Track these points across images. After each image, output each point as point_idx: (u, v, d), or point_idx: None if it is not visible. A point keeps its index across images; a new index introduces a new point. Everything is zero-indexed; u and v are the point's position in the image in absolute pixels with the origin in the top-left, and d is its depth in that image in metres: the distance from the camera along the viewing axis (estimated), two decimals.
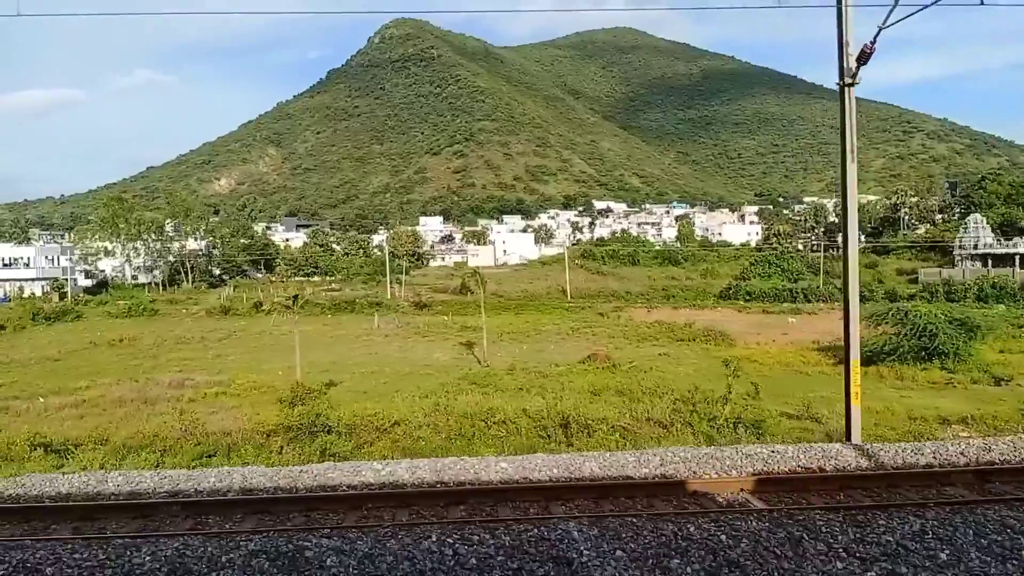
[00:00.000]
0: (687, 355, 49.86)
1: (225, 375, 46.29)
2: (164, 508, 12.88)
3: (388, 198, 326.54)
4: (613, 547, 9.88)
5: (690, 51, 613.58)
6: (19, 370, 51.27)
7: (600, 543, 10.02)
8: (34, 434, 29.17)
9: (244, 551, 9.94)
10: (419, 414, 29.80)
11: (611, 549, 9.80)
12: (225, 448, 28.02)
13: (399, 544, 10.10)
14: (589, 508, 12.40)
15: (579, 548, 9.79)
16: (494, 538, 10.32)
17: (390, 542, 10.19)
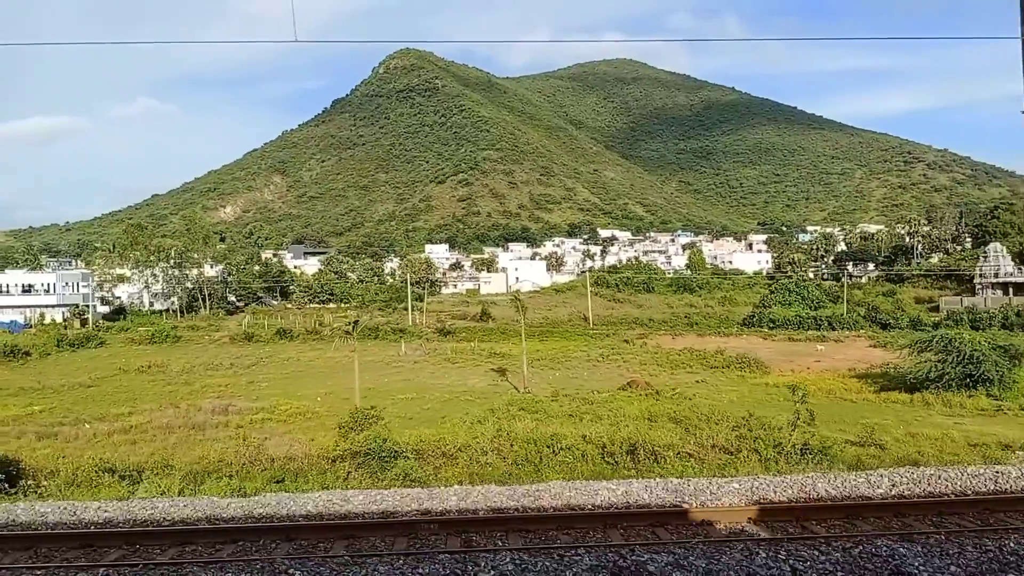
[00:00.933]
0: (724, 382, 49.94)
1: (264, 401, 46.30)
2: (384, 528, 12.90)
3: (393, 226, 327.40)
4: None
5: (690, 82, 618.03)
6: (55, 396, 51.26)
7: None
8: (99, 459, 29.20)
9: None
10: (481, 440, 29.80)
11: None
12: (292, 474, 28.02)
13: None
14: None
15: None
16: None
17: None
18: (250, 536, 12.90)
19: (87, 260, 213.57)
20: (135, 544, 12.68)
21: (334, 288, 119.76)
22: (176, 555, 12.06)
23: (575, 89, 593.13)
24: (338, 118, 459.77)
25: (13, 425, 41.00)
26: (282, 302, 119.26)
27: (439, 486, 22.96)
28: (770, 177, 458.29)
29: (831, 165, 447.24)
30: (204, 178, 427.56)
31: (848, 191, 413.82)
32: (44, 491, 27.37)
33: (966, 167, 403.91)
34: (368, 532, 12.73)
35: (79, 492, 26.38)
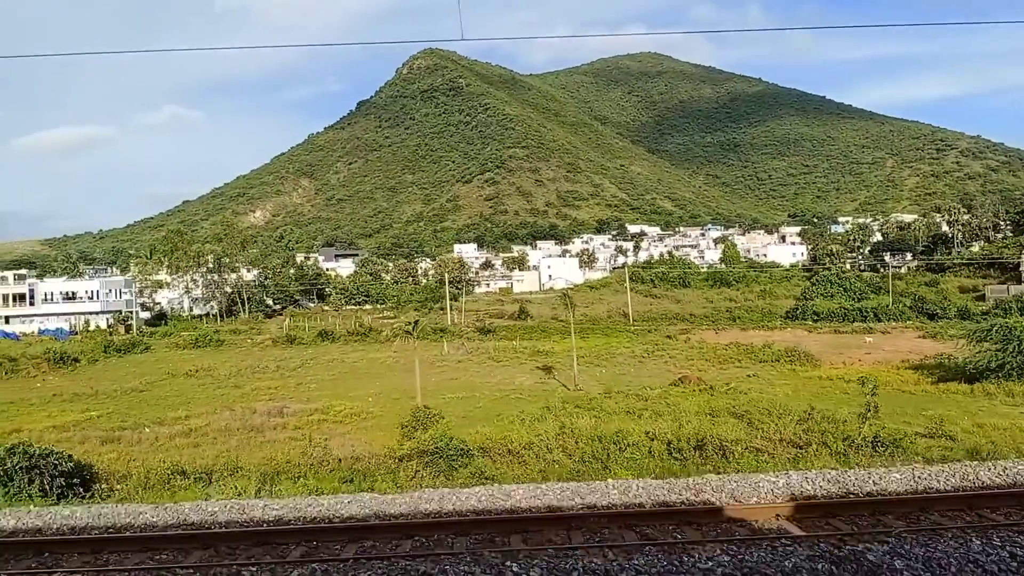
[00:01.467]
0: (775, 376, 49.41)
1: (316, 403, 46.52)
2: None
3: (421, 226, 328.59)
4: None
5: (715, 74, 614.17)
6: (109, 401, 51.95)
7: None
8: (169, 462, 29.56)
9: None
10: (544, 438, 29.73)
11: None
12: (360, 474, 28.15)
13: None
14: None
15: None
16: None
17: None
18: (423, 531, 13.06)
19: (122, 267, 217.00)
20: (313, 540, 13.06)
21: (369, 290, 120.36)
22: (358, 551, 12.29)
23: (598, 84, 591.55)
24: (363, 120, 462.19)
25: (74, 430, 41.59)
26: (319, 304, 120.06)
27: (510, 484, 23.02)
28: (799, 168, 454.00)
29: (861, 155, 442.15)
30: (233, 183, 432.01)
31: (879, 181, 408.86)
32: (117, 494, 27.81)
33: (1000, 154, 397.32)
34: (538, 526, 12.87)
35: (152, 495, 26.74)
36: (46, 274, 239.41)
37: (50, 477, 25.52)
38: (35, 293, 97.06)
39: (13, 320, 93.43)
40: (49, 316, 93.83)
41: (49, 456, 26.00)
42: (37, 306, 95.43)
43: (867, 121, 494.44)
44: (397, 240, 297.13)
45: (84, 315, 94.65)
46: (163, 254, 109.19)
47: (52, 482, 25.52)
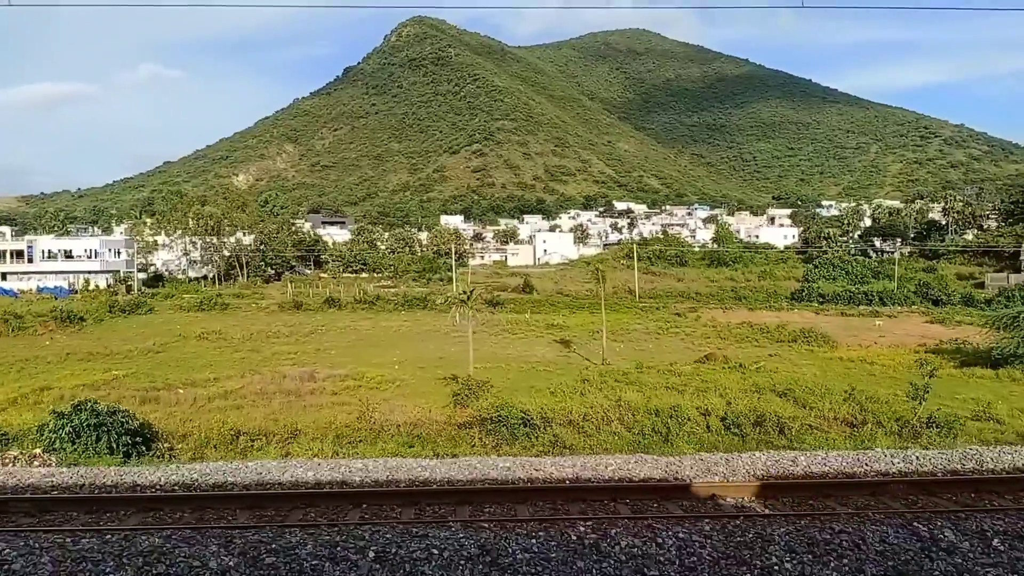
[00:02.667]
0: (796, 357, 49.95)
1: (343, 368, 46.40)
2: None
3: (408, 196, 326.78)
4: None
5: (703, 53, 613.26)
6: (128, 361, 51.49)
7: None
8: (228, 424, 29.55)
9: None
10: (598, 410, 30.00)
11: None
12: (421, 440, 28.29)
13: None
14: None
15: None
16: None
17: None
18: (593, 496, 13.32)
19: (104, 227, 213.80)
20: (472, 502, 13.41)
21: (366, 258, 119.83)
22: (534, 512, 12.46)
23: (586, 59, 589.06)
24: (350, 87, 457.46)
25: (104, 390, 41.27)
26: (315, 271, 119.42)
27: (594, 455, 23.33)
28: (784, 151, 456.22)
29: (846, 139, 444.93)
30: (216, 146, 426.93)
31: (863, 166, 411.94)
32: (178, 453, 27.79)
33: (982, 143, 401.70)
34: None
35: (220, 453, 26.74)
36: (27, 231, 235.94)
37: (116, 435, 25.43)
38: (33, 250, 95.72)
39: (11, 277, 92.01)
40: (47, 274, 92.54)
41: (115, 414, 25.92)
42: (36, 263, 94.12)
43: (852, 106, 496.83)
44: (383, 209, 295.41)
45: (83, 274, 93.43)
46: (162, 214, 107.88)
47: (119, 440, 25.43)
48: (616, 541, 9.52)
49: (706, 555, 9.15)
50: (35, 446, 24.52)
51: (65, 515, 12.98)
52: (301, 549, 9.44)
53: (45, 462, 23.24)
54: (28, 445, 24.93)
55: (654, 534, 9.78)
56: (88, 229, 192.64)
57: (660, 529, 10.03)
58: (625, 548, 9.32)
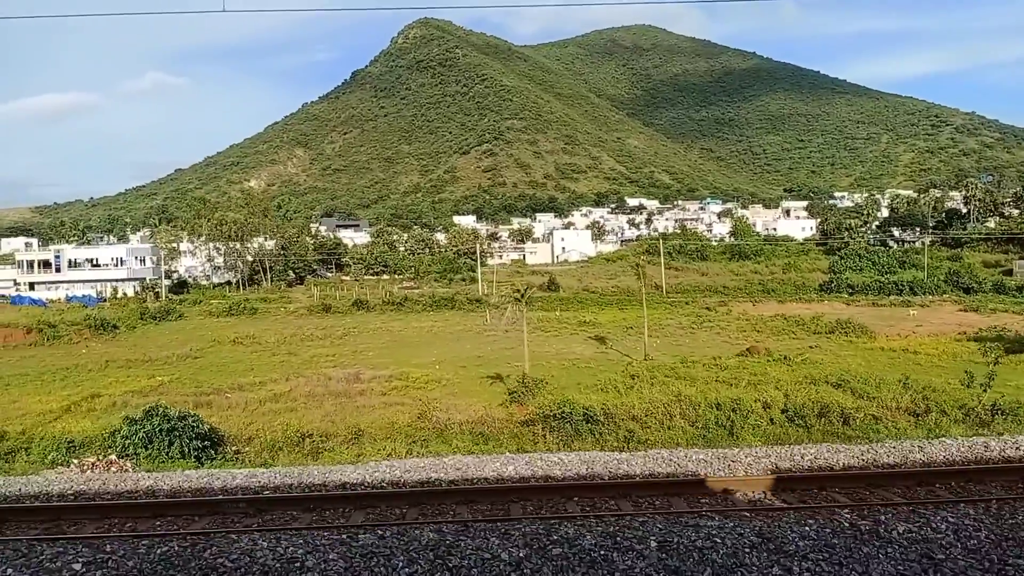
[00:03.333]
0: (835, 348, 49.78)
1: (386, 370, 46.49)
2: None
3: (419, 197, 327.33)
4: None
5: (710, 48, 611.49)
6: (168, 367, 51.74)
7: None
8: (291, 427, 29.70)
9: None
10: (658, 405, 30.03)
11: None
12: (484, 437, 28.39)
13: None
14: None
15: None
16: None
17: None
18: None
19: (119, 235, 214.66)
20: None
21: (387, 260, 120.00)
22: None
23: (592, 57, 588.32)
24: (358, 90, 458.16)
25: (153, 396, 41.53)
26: (337, 274, 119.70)
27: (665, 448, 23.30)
28: (794, 143, 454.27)
29: (856, 130, 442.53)
30: (226, 152, 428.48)
31: (875, 156, 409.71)
32: (244, 456, 27.92)
33: (994, 130, 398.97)
34: None
35: (291, 456, 26.84)
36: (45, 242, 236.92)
37: (188, 439, 25.58)
38: (61, 260, 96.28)
39: (38, 287, 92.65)
40: (75, 283, 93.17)
41: (186, 419, 26.08)
42: (63, 272, 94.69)
43: (861, 97, 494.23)
44: (396, 211, 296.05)
45: (111, 282, 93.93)
46: (186, 221, 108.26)
47: (190, 444, 25.59)
48: (892, 527, 10.01)
49: (983, 537, 9.65)
50: (107, 452, 24.68)
51: (286, 514, 13.15)
52: (582, 540, 9.77)
53: (122, 468, 23.40)
54: (97, 451, 25.08)
55: (926, 520, 10.32)
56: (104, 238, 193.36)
57: (928, 515, 10.61)
58: (904, 533, 9.79)
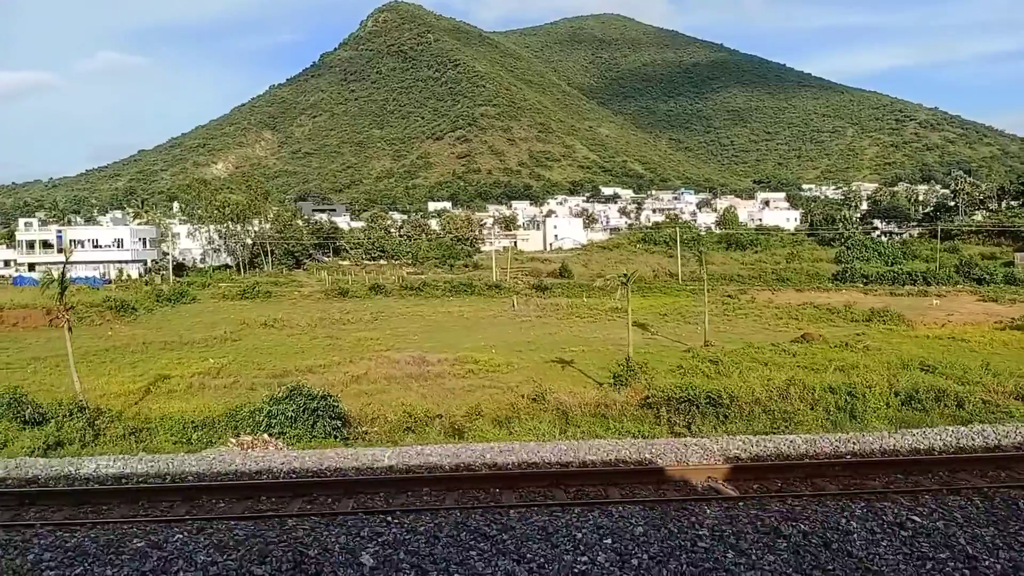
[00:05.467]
0: (882, 336, 50.65)
1: (447, 353, 46.12)
2: None
3: (393, 183, 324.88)
4: None
5: (678, 39, 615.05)
6: (209, 350, 50.90)
7: None
8: (408, 407, 29.45)
9: None
10: (771, 390, 30.38)
11: None
12: (607, 419, 28.49)
13: None
14: None
15: None
16: None
17: None
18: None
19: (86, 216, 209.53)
20: None
21: (384, 245, 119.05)
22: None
23: (561, 45, 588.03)
24: (327, 73, 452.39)
25: (221, 377, 41.02)
26: (334, 258, 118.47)
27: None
28: (760, 135, 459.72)
29: (822, 123, 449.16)
30: (192, 134, 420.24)
31: (840, 149, 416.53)
32: (372, 436, 27.64)
33: (956, 126, 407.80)
34: None
35: (422, 436, 26.61)
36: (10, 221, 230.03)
37: (328, 419, 25.36)
38: (63, 239, 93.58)
39: (38, 267, 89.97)
40: (76, 264, 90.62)
41: (326, 399, 25.82)
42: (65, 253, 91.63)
43: (827, 91, 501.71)
44: (369, 196, 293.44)
45: (114, 263, 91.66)
46: (185, 203, 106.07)
47: (330, 423, 25.38)
48: None
49: None
50: (256, 431, 24.27)
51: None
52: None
53: (277, 447, 23.06)
54: (250, 430, 24.64)
55: None
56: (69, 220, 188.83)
57: None
58: None
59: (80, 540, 9.92)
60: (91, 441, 24.57)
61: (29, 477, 15.34)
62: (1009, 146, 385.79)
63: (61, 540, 9.97)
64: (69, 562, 9.23)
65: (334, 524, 10.65)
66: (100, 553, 9.39)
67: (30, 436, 24.41)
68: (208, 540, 9.80)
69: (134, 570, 8.87)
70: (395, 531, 10.09)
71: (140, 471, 16.38)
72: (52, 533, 10.39)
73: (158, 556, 9.26)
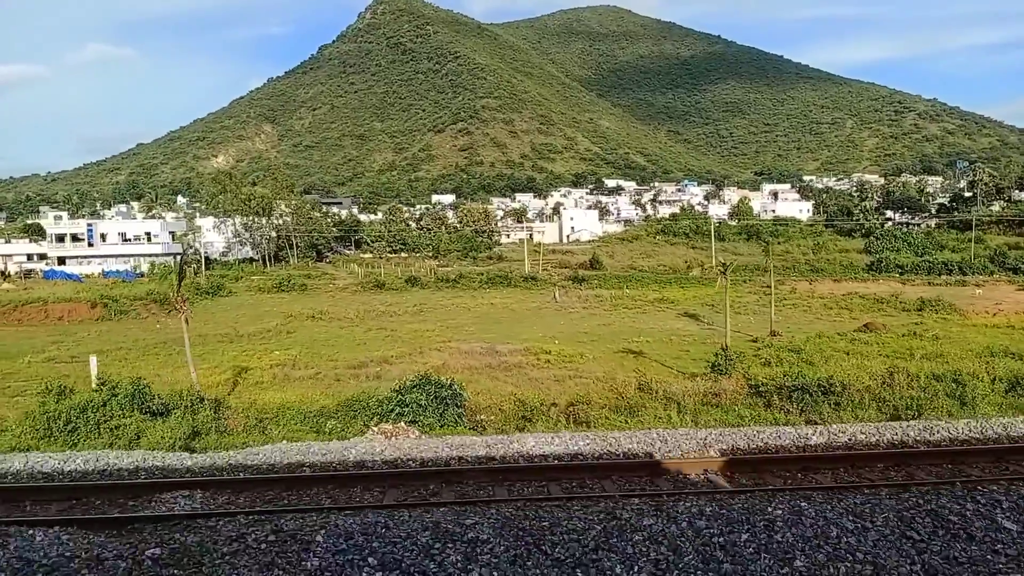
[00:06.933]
0: (936, 325, 50.89)
1: (515, 344, 46.14)
2: None
3: (395, 176, 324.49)
4: None
5: (675, 30, 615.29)
6: (268, 342, 50.85)
7: None
8: (517, 397, 29.54)
9: None
10: (872, 376, 30.62)
11: None
12: (719, 408, 28.65)
13: None
14: None
15: None
16: None
17: None
18: None
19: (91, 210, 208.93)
20: None
21: (406, 238, 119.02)
22: None
23: (559, 37, 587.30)
24: (326, 66, 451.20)
25: (299, 369, 41.04)
26: (356, 251, 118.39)
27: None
28: (760, 127, 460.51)
29: (821, 115, 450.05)
30: (191, 127, 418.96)
31: (840, 141, 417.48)
32: (488, 424, 27.73)
33: (956, 117, 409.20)
34: None
35: (542, 425, 26.70)
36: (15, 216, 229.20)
37: (456, 407, 25.49)
38: (93, 233, 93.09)
39: (69, 261, 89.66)
40: (106, 258, 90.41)
41: (451, 387, 25.93)
42: (96, 247, 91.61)
43: (825, 82, 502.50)
44: (373, 189, 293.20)
45: (146, 257, 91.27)
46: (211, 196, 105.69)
47: (457, 412, 25.51)
48: None
49: None
50: (394, 419, 24.33)
51: None
52: None
53: (416, 435, 23.15)
54: (389, 419, 24.69)
55: None
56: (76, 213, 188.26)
57: None
58: None
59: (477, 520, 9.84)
60: (226, 431, 24.62)
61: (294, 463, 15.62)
62: (1008, 137, 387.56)
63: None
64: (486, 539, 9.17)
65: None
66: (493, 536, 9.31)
67: (161, 427, 24.45)
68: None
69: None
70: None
71: (350, 459, 16.47)
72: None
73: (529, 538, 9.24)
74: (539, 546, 8.74)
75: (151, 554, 8.09)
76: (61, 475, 15.45)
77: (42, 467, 16.25)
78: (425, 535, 9.18)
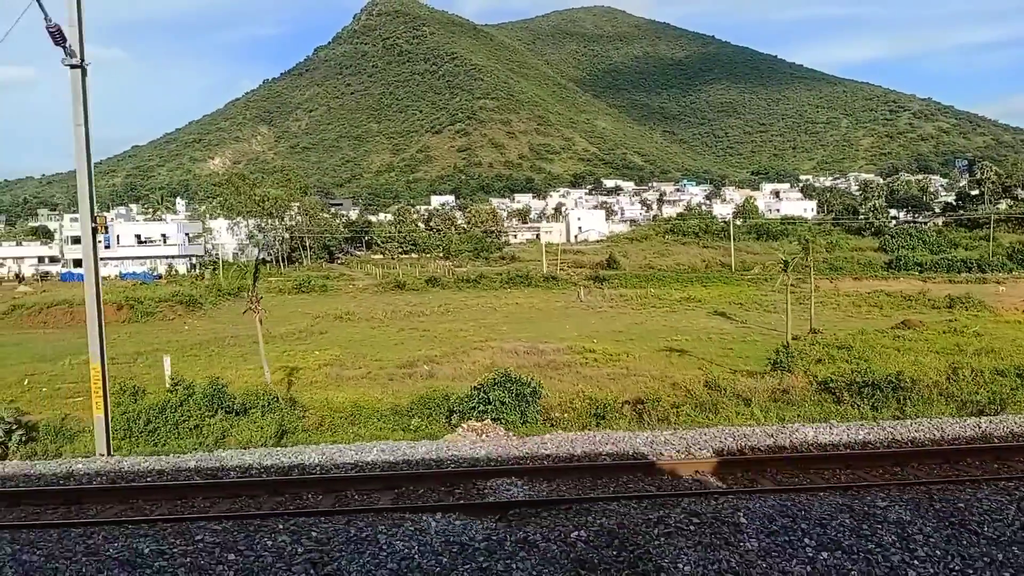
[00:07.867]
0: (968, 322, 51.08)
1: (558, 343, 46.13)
2: None
3: (393, 177, 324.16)
4: None
5: (669, 30, 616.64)
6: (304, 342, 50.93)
7: None
8: (588, 395, 29.59)
9: None
10: (937, 372, 30.84)
11: None
12: (787, 405, 28.75)
13: None
14: None
15: None
16: None
17: None
18: None
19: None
20: None
21: (416, 239, 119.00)
22: None
23: (554, 37, 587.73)
24: (322, 67, 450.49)
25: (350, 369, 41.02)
26: (367, 252, 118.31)
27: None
28: (755, 127, 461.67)
29: (816, 115, 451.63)
30: (186, 129, 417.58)
31: (835, 140, 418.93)
32: (559, 421, 27.77)
33: (950, 116, 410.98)
34: None
35: (620, 423, 26.73)
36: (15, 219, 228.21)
37: (527, 404, 25.54)
38: (110, 235, 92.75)
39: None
40: (123, 260, 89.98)
41: (530, 384, 25.97)
42: (113, 249, 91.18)
43: (819, 82, 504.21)
44: (371, 190, 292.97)
45: (163, 259, 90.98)
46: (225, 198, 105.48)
47: (536, 409, 25.57)
48: None
49: None
50: (481, 417, 24.33)
51: None
52: None
53: (505, 433, 23.16)
54: (475, 417, 24.69)
55: None
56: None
57: None
58: None
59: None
60: (312, 428, 24.64)
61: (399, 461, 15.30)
62: (1002, 135, 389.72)
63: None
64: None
65: None
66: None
67: (248, 426, 24.48)
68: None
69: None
70: None
71: (479, 455, 16.35)
72: None
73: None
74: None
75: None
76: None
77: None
78: None
